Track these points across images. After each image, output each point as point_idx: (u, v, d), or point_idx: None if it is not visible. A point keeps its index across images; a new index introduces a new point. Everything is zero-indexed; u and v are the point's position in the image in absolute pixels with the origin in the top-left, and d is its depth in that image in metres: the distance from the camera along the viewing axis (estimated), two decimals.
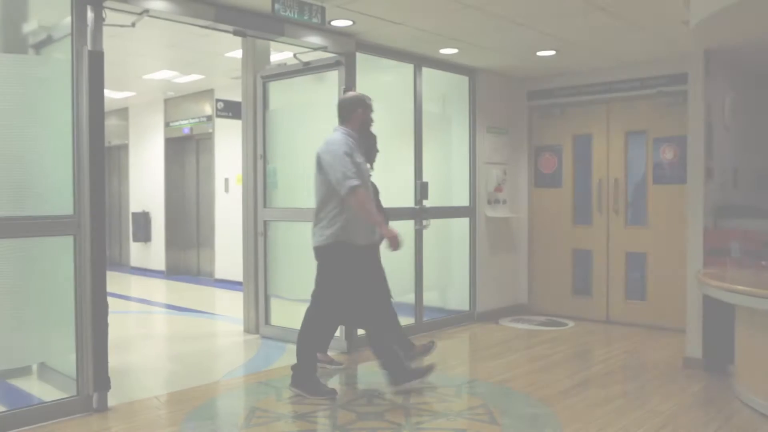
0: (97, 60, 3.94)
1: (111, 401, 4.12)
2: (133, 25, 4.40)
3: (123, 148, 12.08)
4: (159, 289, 9.72)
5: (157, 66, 8.12)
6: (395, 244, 4.30)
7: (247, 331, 6.34)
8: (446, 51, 6.13)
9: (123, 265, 12.08)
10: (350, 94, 4.69)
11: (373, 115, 4.61)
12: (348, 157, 4.24)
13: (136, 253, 11.58)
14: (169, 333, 6.78)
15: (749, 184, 5.92)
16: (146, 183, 11.28)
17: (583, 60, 6.50)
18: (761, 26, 4.37)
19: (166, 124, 10.81)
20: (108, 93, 9.89)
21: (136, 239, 11.32)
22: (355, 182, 4.16)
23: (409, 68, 6.28)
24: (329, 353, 5.15)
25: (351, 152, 4.29)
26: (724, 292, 4.13)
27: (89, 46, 3.94)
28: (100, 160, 4.00)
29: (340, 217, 4.27)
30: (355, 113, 4.47)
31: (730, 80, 5.47)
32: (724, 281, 4.17)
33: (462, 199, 6.92)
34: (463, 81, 6.92)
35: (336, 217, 4.28)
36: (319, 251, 4.37)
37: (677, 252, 6.33)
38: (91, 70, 3.93)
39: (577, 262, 7.15)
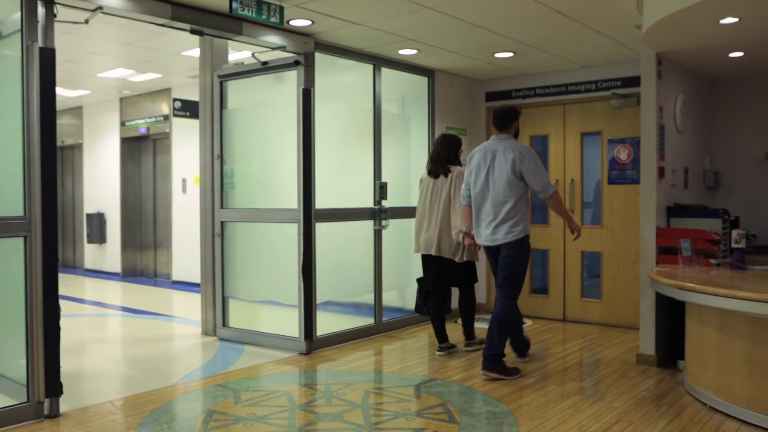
0: (48, 57, 3.85)
1: (63, 407, 4.04)
2: (87, 22, 4.31)
3: (77, 148, 11.82)
4: (114, 292, 9.53)
5: (112, 64, 7.96)
6: (579, 233, 5.00)
7: (204, 333, 6.27)
8: (405, 52, 6.16)
9: (77, 268, 11.83)
10: (507, 104, 5.06)
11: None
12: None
13: (91, 254, 11.34)
14: (125, 336, 6.65)
15: (699, 185, 6.09)
16: (101, 183, 11.05)
17: (540, 62, 6.59)
18: (708, 31, 4.51)
19: (122, 124, 10.62)
20: (61, 91, 9.70)
21: (90, 241, 11.08)
22: (554, 185, 4.86)
23: (368, 68, 6.29)
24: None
25: None
26: (675, 290, 4.24)
27: (40, 43, 3.84)
28: (51, 160, 3.90)
29: (525, 215, 4.85)
30: (514, 121, 4.92)
31: (681, 83, 5.62)
32: (675, 279, 4.27)
33: None
34: (422, 82, 6.95)
35: (523, 214, 4.83)
36: (513, 245, 4.79)
37: (631, 251, 6.48)
38: (42, 68, 3.83)
39: (534, 262, 7.24)
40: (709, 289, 3.92)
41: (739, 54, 5.24)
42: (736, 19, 4.18)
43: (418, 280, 5.74)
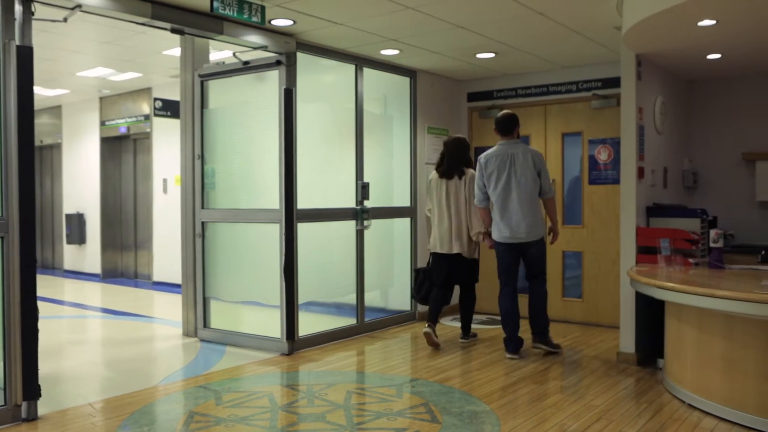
0: (25, 55, 3.81)
1: (42, 410, 3.99)
2: (65, 20, 4.26)
3: (56, 148, 11.70)
4: (94, 293, 9.43)
5: (92, 63, 7.88)
6: (557, 238, 5.66)
7: (185, 334, 6.23)
8: (387, 52, 6.16)
9: (56, 269, 11.70)
10: (508, 112, 5.53)
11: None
12: None
13: (70, 255, 11.22)
14: (105, 338, 6.59)
15: (678, 185, 6.15)
16: (81, 183, 10.94)
17: (521, 63, 6.63)
18: (687, 33, 4.56)
19: (102, 123, 10.52)
20: (39, 90, 9.59)
21: (69, 241, 10.96)
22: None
23: (350, 69, 6.28)
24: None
25: None
26: (655, 289, 4.28)
27: (17, 41, 3.80)
28: (29, 160, 3.86)
29: (541, 213, 5.40)
30: (516, 127, 5.44)
31: (660, 84, 5.68)
32: (654, 278, 4.31)
33: (403, 200, 6.97)
34: (404, 82, 6.96)
35: (540, 213, 5.40)
36: (541, 241, 5.41)
37: (612, 251, 6.53)
38: (20, 66, 3.78)
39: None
40: (688, 288, 3.96)
41: (717, 56, 5.30)
42: (714, 22, 4.23)
43: (416, 270, 6.16)
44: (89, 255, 10.81)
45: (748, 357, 3.80)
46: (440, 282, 5.85)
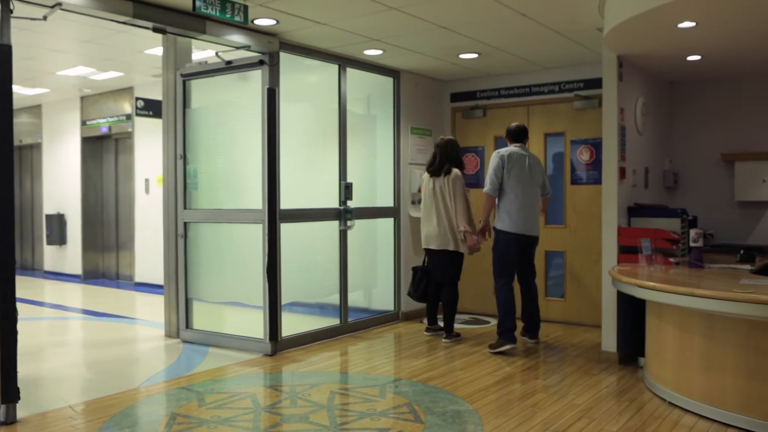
0: (3, 54, 3.76)
1: (21, 413, 3.95)
2: (45, 18, 4.22)
3: (36, 147, 11.57)
4: (75, 294, 9.34)
5: (72, 62, 7.80)
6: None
7: (168, 335, 6.19)
8: (371, 52, 6.16)
9: (36, 270, 11.57)
10: (520, 123, 5.87)
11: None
12: None
13: (50, 256, 11.10)
14: (86, 339, 6.53)
15: (659, 185, 6.21)
16: (61, 184, 10.82)
17: (504, 63, 6.66)
18: (667, 35, 4.60)
19: (83, 123, 10.42)
20: (18, 89, 9.49)
21: (50, 242, 10.84)
22: None
23: (333, 69, 6.28)
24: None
25: None
26: (636, 288, 4.32)
27: None
28: (7, 160, 3.81)
29: None
30: (526, 138, 5.87)
31: (641, 85, 5.73)
32: (635, 278, 4.35)
33: (386, 200, 6.97)
34: (387, 82, 6.96)
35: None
36: (539, 238, 5.89)
37: (593, 250, 6.57)
38: None
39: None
40: (668, 287, 4.00)
41: (697, 57, 5.35)
42: (694, 24, 4.27)
43: (413, 269, 6.40)
44: (70, 256, 10.71)
45: (728, 355, 3.84)
46: (438, 278, 6.10)
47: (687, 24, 4.29)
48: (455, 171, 5.90)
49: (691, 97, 6.42)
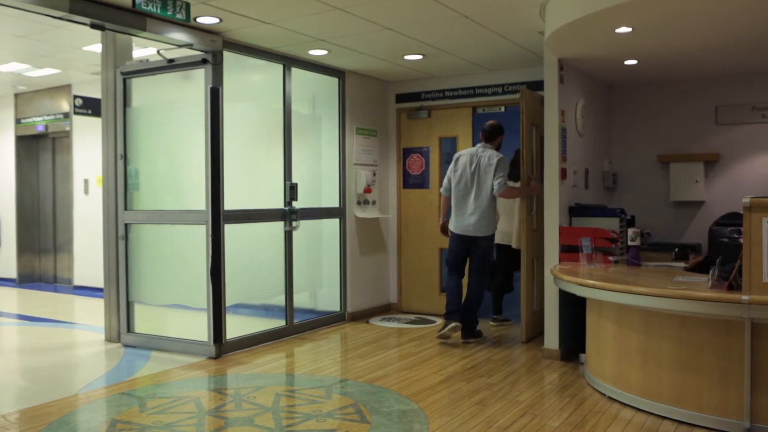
0: None
1: None
2: None
3: None
4: (9, 299, 9.00)
5: (5, 57, 7.52)
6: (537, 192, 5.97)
7: (108, 339, 6.03)
8: (315, 52, 6.14)
9: None
10: (495, 122, 6.00)
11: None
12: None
13: None
14: (20, 345, 6.30)
15: (599, 185, 6.37)
16: None
17: (448, 65, 6.72)
18: (605, 39, 4.73)
19: (17, 121, 10.05)
20: None
21: None
22: (506, 185, 5.85)
23: (278, 68, 6.23)
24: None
25: None
26: (577, 286, 4.43)
27: None
28: None
29: (493, 214, 5.95)
30: (498, 136, 5.96)
31: (581, 88, 5.87)
32: (576, 276, 4.46)
33: (332, 200, 6.95)
34: (332, 82, 6.95)
35: (492, 213, 5.93)
36: (489, 238, 5.96)
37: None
38: None
39: (444, 262, 7.36)
40: (607, 285, 4.12)
41: (634, 62, 5.52)
42: (630, 29, 4.41)
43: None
44: (4, 259, 10.31)
45: (663, 349, 3.98)
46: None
47: (623, 29, 4.42)
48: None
49: (628, 100, 6.61)
